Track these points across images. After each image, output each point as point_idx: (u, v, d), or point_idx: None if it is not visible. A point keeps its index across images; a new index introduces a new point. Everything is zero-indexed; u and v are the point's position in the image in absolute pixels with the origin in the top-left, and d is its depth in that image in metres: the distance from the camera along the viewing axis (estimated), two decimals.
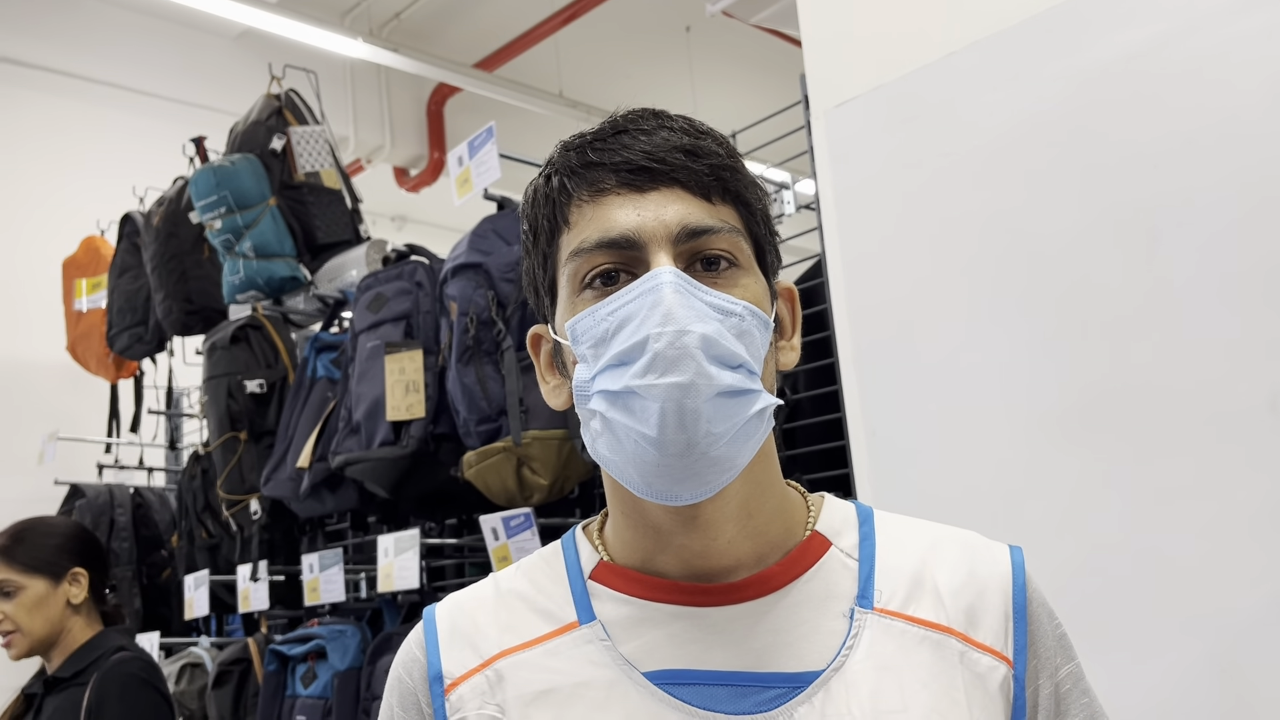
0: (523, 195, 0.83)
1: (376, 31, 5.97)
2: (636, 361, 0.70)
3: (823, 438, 2.02)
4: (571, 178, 0.77)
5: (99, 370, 4.06)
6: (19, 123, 4.82)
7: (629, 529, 0.79)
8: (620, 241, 0.74)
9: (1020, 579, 0.79)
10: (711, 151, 0.77)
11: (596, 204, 0.75)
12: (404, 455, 2.29)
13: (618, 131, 0.77)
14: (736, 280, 0.75)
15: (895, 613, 0.76)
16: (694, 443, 0.69)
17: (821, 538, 0.80)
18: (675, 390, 0.68)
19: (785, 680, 0.73)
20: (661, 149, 0.75)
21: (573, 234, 0.76)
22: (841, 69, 1.79)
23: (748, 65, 6.56)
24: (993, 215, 1.57)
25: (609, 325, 0.72)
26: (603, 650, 0.76)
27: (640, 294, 0.71)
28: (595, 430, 0.74)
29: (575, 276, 0.76)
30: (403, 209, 7.64)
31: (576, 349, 0.75)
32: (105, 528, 3.57)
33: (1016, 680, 0.76)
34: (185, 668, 2.92)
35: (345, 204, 3.09)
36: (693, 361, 0.69)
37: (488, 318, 2.16)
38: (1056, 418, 1.49)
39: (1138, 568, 1.39)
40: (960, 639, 0.75)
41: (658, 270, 0.72)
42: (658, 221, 0.74)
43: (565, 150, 0.79)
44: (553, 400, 0.81)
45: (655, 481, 0.71)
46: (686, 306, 0.70)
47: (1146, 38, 1.43)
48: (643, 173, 0.75)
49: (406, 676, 0.81)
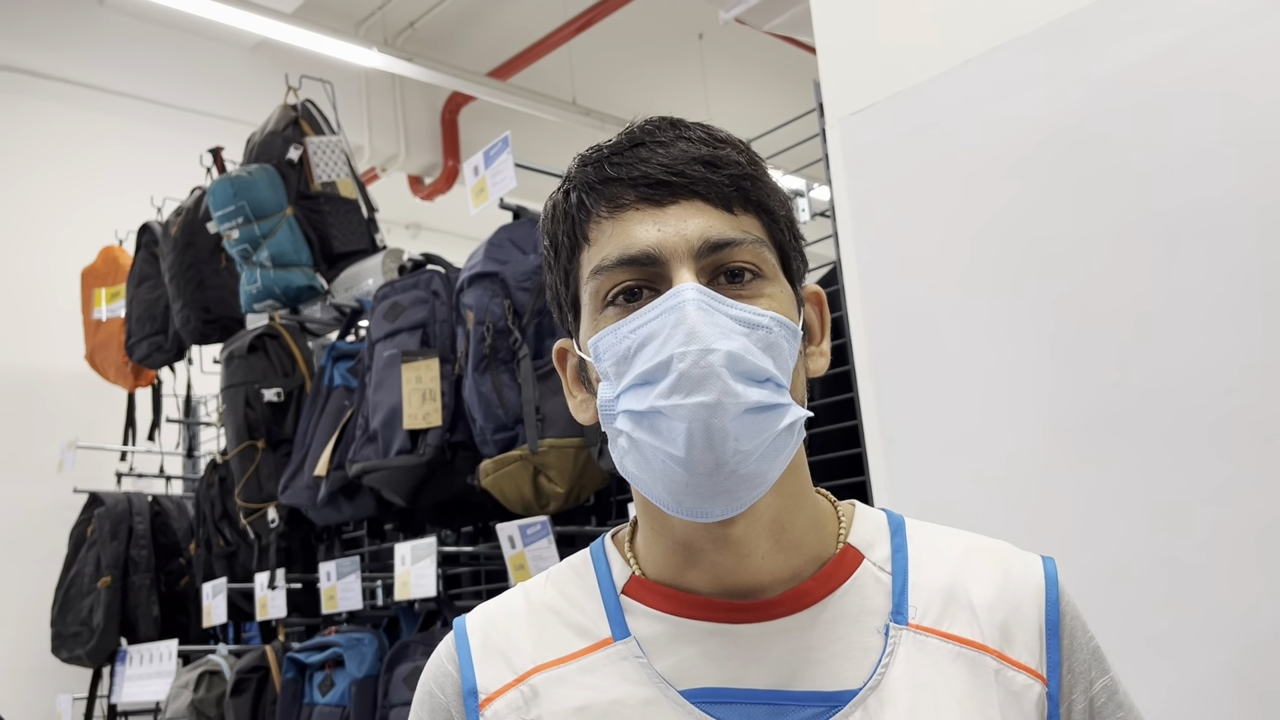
0: (543, 209, 0.82)
1: (391, 41, 6.00)
2: (661, 381, 0.69)
3: (839, 445, 2.02)
4: (590, 194, 0.76)
5: (117, 379, 4.08)
6: (38, 134, 4.86)
7: (659, 544, 0.78)
8: (641, 258, 0.73)
9: (1054, 594, 0.78)
10: (731, 161, 0.75)
11: (616, 220, 0.74)
12: (421, 463, 2.29)
13: (635, 144, 0.76)
14: (761, 291, 0.74)
15: (930, 629, 0.75)
16: (723, 461, 0.68)
17: (854, 551, 0.79)
18: (701, 410, 0.67)
19: (822, 699, 0.72)
20: (680, 161, 0.74)
21: (593, 251, 0.75)
22: (856, 76, 1.79)
23: (761, 72, 6.56)
24: (1009, 222, 1.57)
25: (631, 343, 0.71)
26: (638, 668, 0.75)
27: (662, 312, 0.70)
28: (622, 448, 0.73)
29: (597, 294, 0.75)
30: (418, 217, 7.67)
31: (599, 366, 0.74)
32: (124, 536, 3.58)
33: (1050, 698, 0.75)
34: (203, 675, 2.93)
35: (361, 213, 3.10)
36: (718, 380, 0.68)
37: (504, 326, 2.17)
38: (1074, 425, 1.48)
39: (1155, 576, 1.39)
40: (995, 656, 0.75)
41: (680, 287, 0.71)
42: (679, 236, 0.72)
43: (583, 165, 0.78)
44: (580, 415, 0.81)
45: (685, 499, 0.71)
46: (710, 324, 0.69)
47: (1163, 44, 1.42)
48: (661, 186, 0.74)
49: (439, 691, 0.80)
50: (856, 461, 1.90)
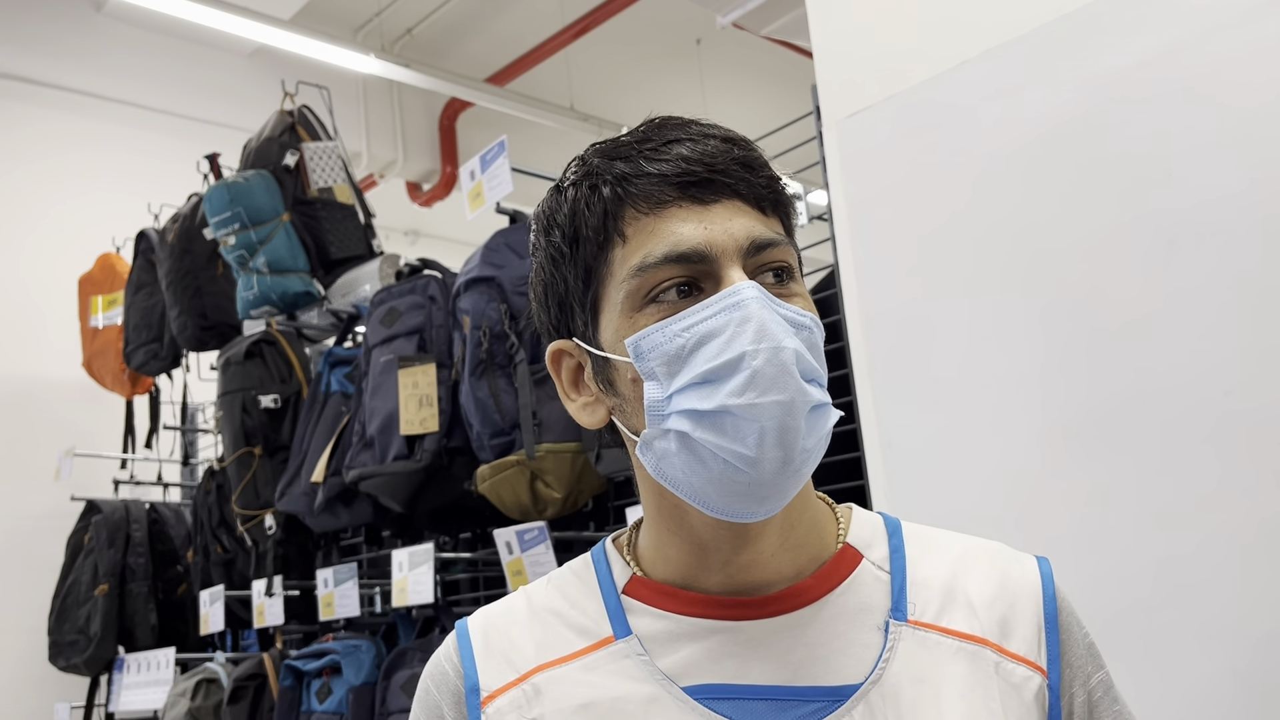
0: (547, 202, 0.79)
1: (388, 47, 6.00)
2: (730, 379, 0.68)
3: (837, 449, 2.01)
4: (625, 187, 0.73)
5: (115, 386, 4.08)
6: (34, 140, 4.86)
7: (673, 545, 0.77)
8: (691, 255, 0.71)
9: (1050, 589, 0.79)
10: (761, 163, 0.76)
11: (657, 217, 0.73)
12: (418, 469, 2.29)
13: (667, 141, 0.74)
14: (797, 291, 0.75)
15: (929, 625, 0.76)
16: (790, 459, 0.69)
17: (853, 550, 0.79)
18: (777, 409, 0.68)
19: (824, 694, 0.73)
20: (720, 159, 0.73)
21: (630, 248, 0.73)
22: (853, 79, 1.78)
23: (759, 77, 6.57)
24: (1006, 224, 1.57)
25: (685, 341, 0.70)
26: (641, 665, 0.75)
27: (723, 308, 0.70)
28: (666, 450, 0.72)
29: (638, 292, 0.72)
30: (415, 223, 7.67)
31: (642, 365, 0.72)
32: (121, 543, 3.58)
33: (1051, 690, 0.75)
34: (201, 683, 2.92)
35: (358, 219, 3.10)
36: (793, 379, 0.68)
37: (501, 331, 2.17)
38: (1074, 428, 1.47)
39: (1156, 579, 1.38)
40: (995, 650, 0.75)
41: (740, 285, 0.70)
42: (727, 235, 0.72)
43: (608, 158, 0.75)
44: (584, 417, 0.79)
45: (736, 501, 0.71)
46: (774, 321, 0.69)
47: (1160, 44, 1.42)
48: (705, 185, 0.73)
49: (437, 690, 0.80)
50: (855, 466, 1.90)
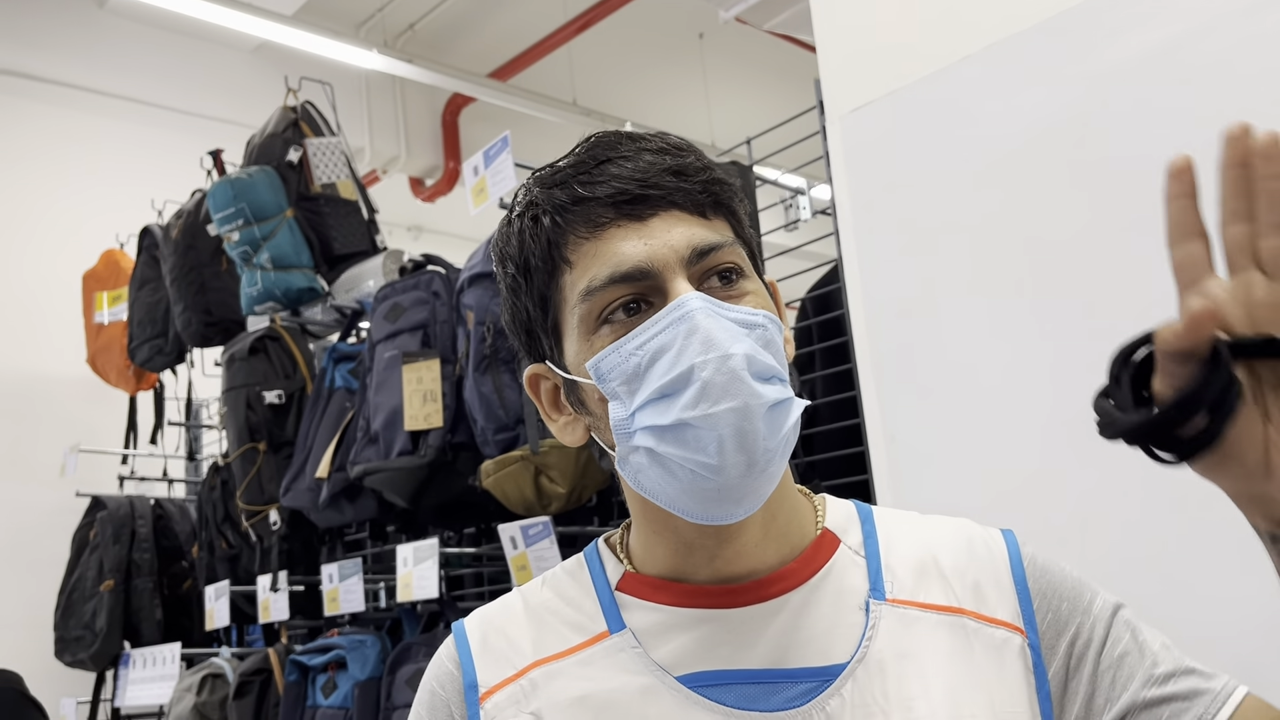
0: (499, 233, 0.81)
1: (391, 43, 6.00)
2: (684, 393, 0.69)
3: (841, 444, 2.01)
4: (564, 215, 0.75)
5: (119, 382, 4.09)
6: (38, 137, 4.86)
7: (660, 546, 0.80)
8: (634, 274, 0.72)
9: (1015, 553, 0.82)
10: (697, 168, 0.76)
11: (598, 239, 0.74)
12: (422, 465, 2.29)
13: (600, 162, 0.76)
14: (745, 290, 0.76)
15: (907, 601, 0.78)
16: (754, 461, 0.69)
17: (831, 535, 0.82)
18: (731, 415, 0.68)
19: (813, 675, 0.75)
20: (651, 173, 0.74)
21: (577, 273, 0.75)
22: (856, 74, 1.78)
23: (762, 71, 6.55)
24: (1009, 219, 1.56)
25: (640, 359, 0.71)
26: (635, 657, 0.77)
27: (670, 323, 0.71)
28: (639, 465, 0.74)
29: (589, 315, 0.74)
30: (419, 219, 7.67)
31: (605, 387, 0.74)
32: (126, 539, 3.59)
33: (1033, 649, 0.77)
34: (206, 678, 2.93)
35: (362, 215, 3.10)
36: (743, 384, 0.69)
37: (504, 326, 2.17)
38: (1077, 421, 1.47)
39: (1158, 572, 1.38)
40: (972, 617, 0.78)
41: (684, 297, 0.71)
42: (667, 248, 0.73)
43: (546, 187, 0.77)
44: (565, 437, 0.81)
45: (711, 507, 0.72)
46: (721, 329, 0.70)
47: (1162, 39, 1.42)
48: (640, 201, 0.74)
49: (440, 689, 0.82)
50: (859, 460, 1.90)
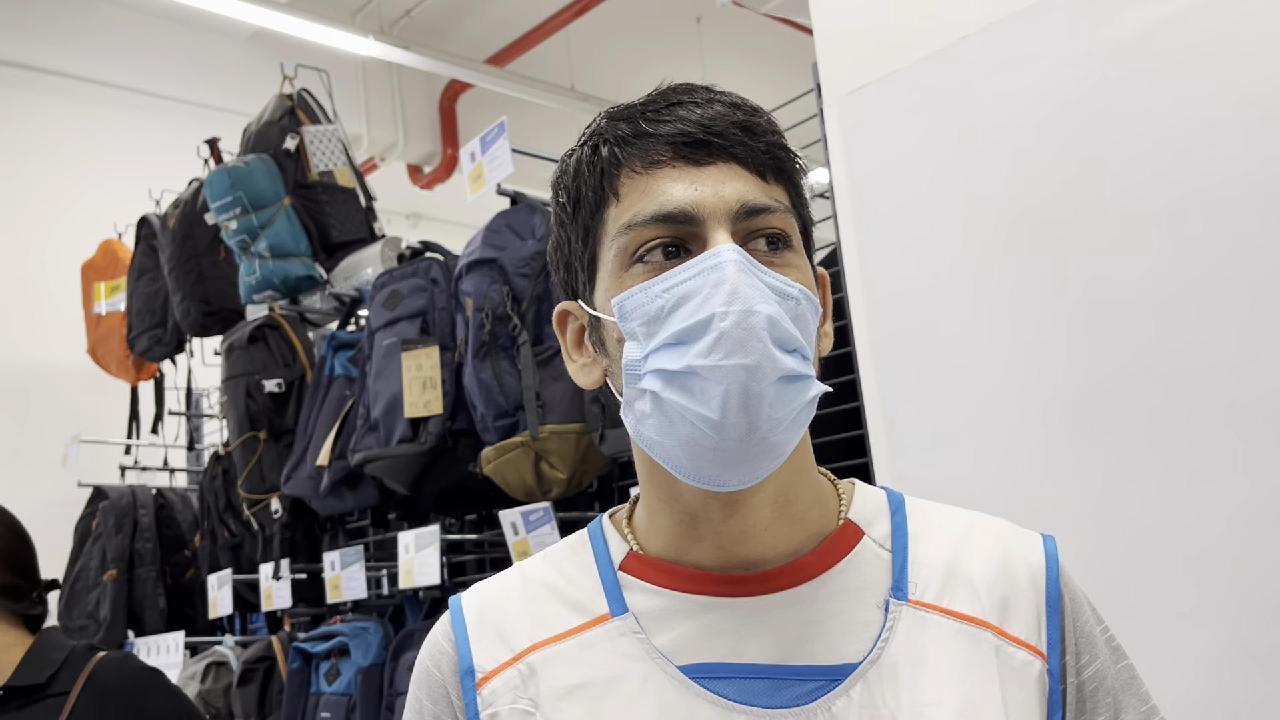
0: (559, 165, 0.80)
1: (387, 29, 5.97)
2: (699, 340, 0.67)
3: (841, 427, 2.01)
4: (623, 147, 0.74)
5: (119, 372, 4.09)
6: (34, 128, 4.85)
7: (664, 515, 0.77)
8: (678, 216, 0.71)
9: (1054, 571, 0.77)
10: (766, 129, 0.75)
11: (650, 176, 0.73)
12: (422, 452, 2.29)
13: (670, 104, 0.74)
14: (790, 262, 0.73)
15: (930, 605, 0.74)
16: (755, 426, 0.67)
17: (854, 526, 0.78)
18: (741, 372, 0.66)
19: (821, 673, 0.72)
20: (719, 123, 0.73)
21: (622, 207, 0.73)
22: (853, 55, 1.77)
23: (759, 55, 6.53)
24: (1009, 200, 1.56)
25: (665, 302, 0.70)
26: (636, 643, 0.74)
27: (701, 271, 0.69)
28: (643, 412, 0.72)
29: (625, 251, 0.73)
30: (417, 206, 7.66)
31: (625, 325, 0.72)
32: (129, 529, 3.59)
33: (1051, 674, 0.74)
34: (210, 666, 2.93)
35: (359, 202, 3.09)
36: (759, 343, 0.67)
37: (503, 313, 2.16)
38: (1077, 404, 1.47)
39: (1162, 555, 1.38)
40: (995, 632, 0.74)
41: (721, 247, 0.69)
42: (717, 197, 0.71)
43: (612, 120, 0.76)
44: (581, 378, 0.79)
45: (705, 466, 0.70)
46: (751, 286, 0.68)
47: (1163, 16, 1.41)
48: (700, 146, 0.72)
49: (435, 669, 0.80)
50: (859, 443, 1.90)
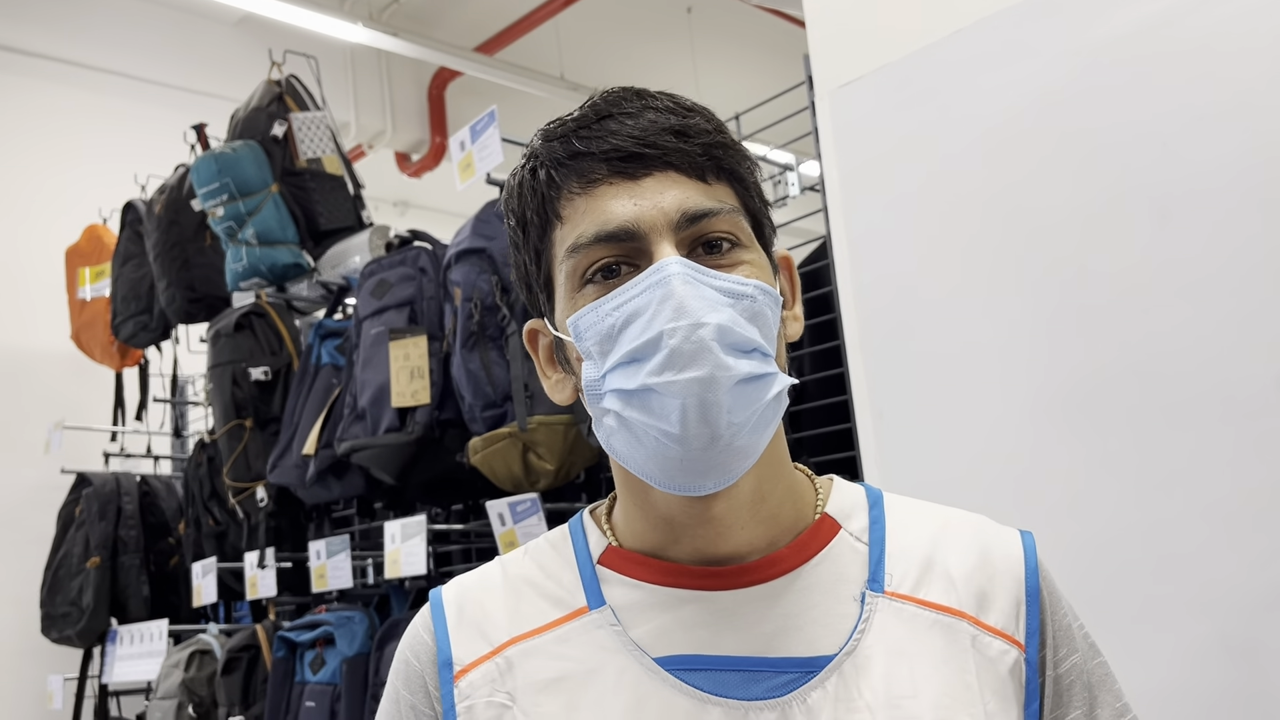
0: (505, 187, 0.80)
1: (376, 16, 5.94)
2: (651, 358, 0.68)
3: (829, 420, 2.02)
4: (559, 169, 0.74)
5: (104, 359, 4.06)
6: (18, 111, 4.80)
7: (641, 519, 0.78)
8: (619, 234, 0.71)
9: (1032, 563, 0.78)
10: (701, 129, 0.74)
11: (589, 196, 0.73)
12: (409, 441, 2.29)
13: (602, 117, 0.74)
14: (740, 259, 0.74)
15: (906, 596, 0.75)
16: (718, 435, 0.68)
17: (831, 520, 0.79)
18: (695, 385, 0.67)
19: (797, 665, 0.72)
20: (650, 132, 0.73)
21: (567, 229, 0.74)
22: (845, 49, 1.77)
23: (750, 46, 6.52)
24: (999, 195, 1.56)
25: (615, 320, 0.70)
26: (613, 635, 0.75)
27: (647, 287, 0.69)
28: (610, 428, 0.73)
29: (575, 272, 0.73)
30: (405, 194, 7.62)
31: (581, 346, 0.73)
32: (112, 516, 3.57)
33: (1029, 664, 0.75)
34: (194, 655, 2.92)
35: (347, 190, 3.08)
36: (710, 355, 0.67)
37: (492, 303, 2.16)
38: (1064, 399, 1.48)
39: (1145, 549, 1.39)
40: (972, 623, 0.75)
41: (664, 261, 0.70)
42: (656, 210, 0.71)
43: (547, 140, 0.76)
44: (556, 395, 0.80)
45: (677, 476, 0.70)
46: (698, 297, 0.68)
47: (1152, 13, 1.41)
48: (634, 159, 0.72)
49: (414, 660, 0.80)
50: (846, 436, 1.90)
